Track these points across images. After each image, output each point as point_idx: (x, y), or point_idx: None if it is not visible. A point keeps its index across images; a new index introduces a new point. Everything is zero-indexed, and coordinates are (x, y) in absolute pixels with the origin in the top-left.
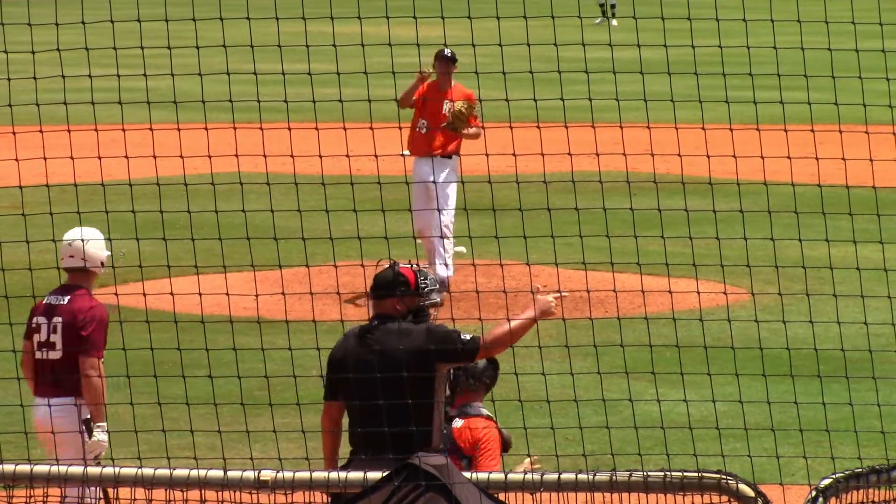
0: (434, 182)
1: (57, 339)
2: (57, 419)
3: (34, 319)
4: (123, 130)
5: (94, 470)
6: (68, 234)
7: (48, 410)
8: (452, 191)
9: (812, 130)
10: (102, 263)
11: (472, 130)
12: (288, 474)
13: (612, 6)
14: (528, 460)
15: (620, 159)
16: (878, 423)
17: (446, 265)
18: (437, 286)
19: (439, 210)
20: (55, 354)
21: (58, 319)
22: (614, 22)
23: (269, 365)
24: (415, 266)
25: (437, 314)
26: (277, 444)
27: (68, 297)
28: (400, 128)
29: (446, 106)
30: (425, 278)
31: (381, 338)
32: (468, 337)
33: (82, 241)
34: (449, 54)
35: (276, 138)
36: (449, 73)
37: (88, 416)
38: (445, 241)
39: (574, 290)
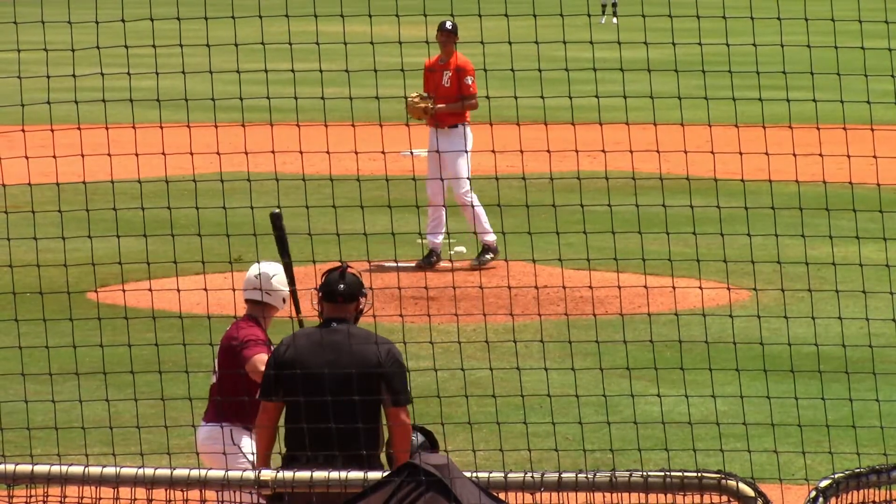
0: (438, 152)
1: (216, 363)
2: (207, 442)
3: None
4: (134, 128)
5: (94, 469)
6: (255, 267)
7: (205, 432)
8: (462, 162)
9: (817, 128)
10: (284, 300)
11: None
12: (288, 474)
13: (614, 5)
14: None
15: (623, 159)
16: (878, 422)
17: (489, 231)
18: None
19: (442, 179)
20: (214, 378)
21: (220, 345)
22: (614, 20)
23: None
24: (348, 266)
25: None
26: (278, 443)
27: (237, 324)
28: (408, 125)
29: (445, 77)
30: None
31: (341, 341)
32: (408, 390)
33: (264, 274)
34: (450, 26)
35: (278, 137)
36: (450, 44)
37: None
38: (477, 208)
39: (576, 286)
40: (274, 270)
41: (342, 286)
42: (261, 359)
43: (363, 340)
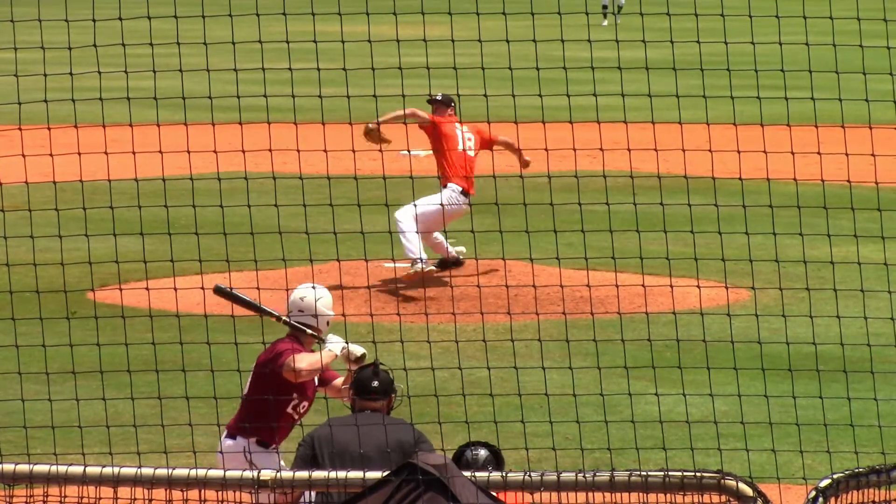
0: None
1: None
2: (228, 457)
3: None
4: (132, 128)
5: (93, 469)
6: (299, 289)
7: (227, 445)
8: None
9: (815, 126)
10: (328, 322)
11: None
12: (288, 474)
13: (619, 6)
14: None
15: (622, 159)
16: (877, 421)
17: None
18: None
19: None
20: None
21: (257, 359)
22: (618, 19)
23: None
24: (381, 365)
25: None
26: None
27: (277, 342)
28: (406, 124)
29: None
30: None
31: (376, 426)
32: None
33: (312, 299)
34: (440, 97)
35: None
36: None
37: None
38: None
39: (575, 286)
40: (319, 294)
41: (376, 383)
42: (298, 357)
43: (397, 428)
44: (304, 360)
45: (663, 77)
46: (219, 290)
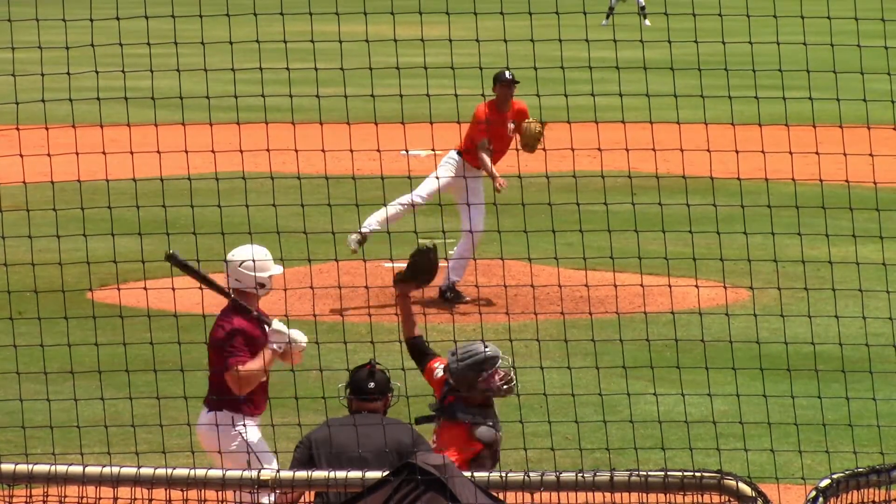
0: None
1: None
2: (201, 430)
3: None
4: (129, 127)
5: (93, 469)
6: (237, 252)
7: (201, 419)
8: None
9: (813, 126)
10: (263, 284)
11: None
12: (287, 474)
13: (642, 8)
14: None
15: (621, 159)
16: (876, 421)
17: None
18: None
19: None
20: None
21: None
22: (647, 22)
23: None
24: (377, 365)
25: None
26: (275, 443)
27: (223, 310)
28: (403, 123)
29: (510, 126)
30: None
31: (371, 428)
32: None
33: (231, 263)
34: (509, 76)
35: (274, 136)
36: (510, 95)
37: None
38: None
39: (573, 286)
40: (243, 256)
41: (372, 385)
42: (244, 371)
43: (395, 429)
44: (246, 378)
45: (662, 77)
46: (169, 258)
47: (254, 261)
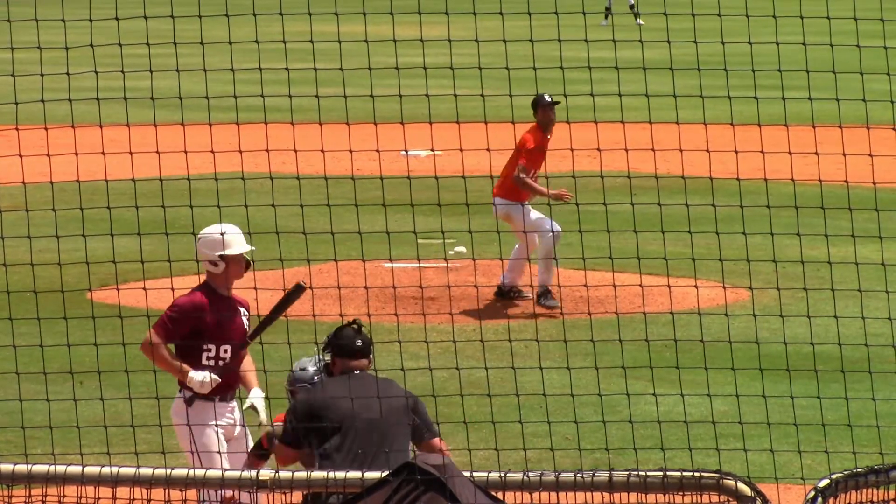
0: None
1: None
2: (175, 411)
3: None
4: (128, 128)
5: (92, 469)
6: (207, 227)
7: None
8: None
9: (813, 126)
10: (214, 263)
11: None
12: (287, 474)
13: (631, 6)
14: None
15: (620, 159)
16: (875, 422)
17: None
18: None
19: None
20: None
21: None
22: (639, 21)
23: (268, 364)
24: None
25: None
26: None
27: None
28: (402, 123)
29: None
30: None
31: (370, 386)
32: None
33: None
34: (549, 100)
35: (273, 136)
36: (552, 117)
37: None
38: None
39: (573, 286)
40: (209, 232)
41: (360, 343)
42: (154, 341)
43: (387, 384)
44: (151, 352)
45: (661, 77)
46: (298, 290)
47: (204, 237)
